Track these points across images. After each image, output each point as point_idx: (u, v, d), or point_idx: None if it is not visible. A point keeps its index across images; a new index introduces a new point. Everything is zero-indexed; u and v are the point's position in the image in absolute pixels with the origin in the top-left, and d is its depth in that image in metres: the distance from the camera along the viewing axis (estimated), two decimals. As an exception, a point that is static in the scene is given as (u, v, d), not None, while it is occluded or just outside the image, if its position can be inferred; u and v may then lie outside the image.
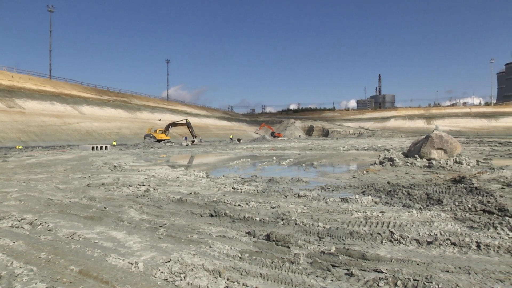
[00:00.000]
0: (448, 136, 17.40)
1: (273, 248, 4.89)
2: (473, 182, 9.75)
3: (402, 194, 8.43)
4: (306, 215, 6.72)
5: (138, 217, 6.78)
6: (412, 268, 4.11)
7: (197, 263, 4.34)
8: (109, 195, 9.09)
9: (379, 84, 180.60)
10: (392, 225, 5.86)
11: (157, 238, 5.46)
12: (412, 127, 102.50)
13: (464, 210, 6.84)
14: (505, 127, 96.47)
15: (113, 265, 4.36)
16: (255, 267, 4.26)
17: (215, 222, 6.35)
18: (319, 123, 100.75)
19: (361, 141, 51.05)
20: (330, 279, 3.87)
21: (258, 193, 9.20)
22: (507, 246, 4.74)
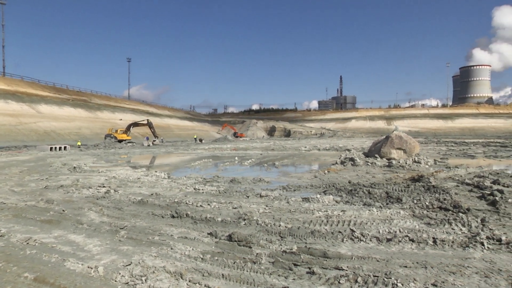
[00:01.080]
0: (407, 136, 18.07)
1: (235, 248, 4.91)
2: (430, 180, 10.18)
3: (362, 193, 8.68)
4: (268, 215, 6.78)
5: (98, 219, 6.63)
6: (372, 265, 4.26)
7: (159, 265, 4.30)
8: (68, 197, 8.82)
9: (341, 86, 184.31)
10: (352, 223, 6.03)
11: (118, 240, 5.36)
12: (372, 127, 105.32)
13: (422, 207, 7.14)
14: (460, 128, 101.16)
15: (71, 270, 4.24)
16: (217, 268, 4.27)
17: (177, 223, 6.31)
18: (281, 124, 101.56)
19: (322, 141, 51.95)
20: (292, 278, 3.94)
21: (220, 194, 9.21)
22: (460, 240, 5.01)
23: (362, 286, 3.69)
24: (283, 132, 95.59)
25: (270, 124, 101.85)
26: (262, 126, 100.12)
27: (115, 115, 72.87)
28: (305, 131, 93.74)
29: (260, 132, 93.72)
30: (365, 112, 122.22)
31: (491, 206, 7.28)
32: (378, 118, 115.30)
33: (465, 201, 7.81)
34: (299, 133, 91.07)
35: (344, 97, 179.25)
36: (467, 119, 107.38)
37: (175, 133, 75.72)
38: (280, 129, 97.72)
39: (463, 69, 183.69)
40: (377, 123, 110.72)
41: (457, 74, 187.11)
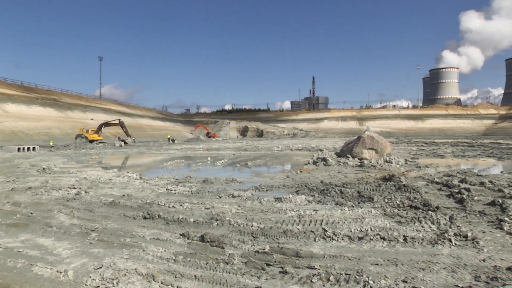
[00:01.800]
0: (379, 136, 18.44)
1: (207, 249, 4.90)
2: (401, 180, 10.44)
3: (334, 193, 8.81)
4: (241, 215, 6.81)
5: (68, 222, 6.48)
6: (344, 263, 4.33)
7: (130, 268, 4.24)
8: (37, 200, 8.57)
9: (313, 86, 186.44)
10: (325, 222, 6.12)
11: (89, 243, 5.26)
12: (345, 128, 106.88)
13: (393, 206, 7.32)
14: (430, 128, 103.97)
15: (39, 275, 4.12)
16: (189, 269, 4.25)
17: (149, 225, 6.25)
18: (254, 124, 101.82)
19: (295, 142, 52.38)
20: (264, 278, 3.96)
21: (192, 194, 9.18)
22: (429, 237, 5.18)
23: (334, 285, 3.74)
24: (256, 132, 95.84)
25: (242, 124, 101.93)
26: (234, 126, 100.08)
27: (86, 115, 71.28)
28: (277, 131, 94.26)
29: (232, 132, 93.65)
30: (338, 113, 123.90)
31: (458, 204, 7.55)
32: (350, 119, 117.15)
33: (435, 199, 8.06)
34: (271, 133, 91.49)
35: (317, 97, 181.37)
36: (436, 120, 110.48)
37: (147, 133, 74.77)
38: (253, 129, 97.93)
39: (433, 71, 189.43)
40: (349, 124, 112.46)
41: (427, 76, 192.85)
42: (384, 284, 3.70)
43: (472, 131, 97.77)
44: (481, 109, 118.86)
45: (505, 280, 3.71)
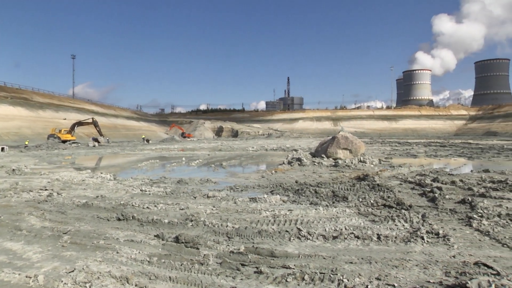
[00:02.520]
0: (353, 137, 18.73)
1: (182, 250, 4.88)
2: (375, 179, 10.64)
3: (309, 193, 8.90)
4: (215, 215, 6.81)
5: (39, 224, 6.31)
6: (318, 262, 4.39)
7: (104, 271, 4.18)
8: (6, 202, 8.30)
9: (288, 87, 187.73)
10: (299, 222, 6.18)
11: (61, 246, 5.14)
12: (319, 128, 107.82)
13: (367, 205, 7.45)
14: (403, 129, 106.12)
15: (5, 281, 3.99)
16: (164, 270, 4.23)
17: (123, 226, 6.18)
18: (229, 124, 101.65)
19: (270, 142, 52.58)
20: (239, 278, 3.97)
21: (167, 195, 9.12)
22: (402, 236, 5.31)
23: (309, 284, 3.79)
24: (231, 133, 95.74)
25: (217, 124, 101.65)
26: (209, 126, 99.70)
27: (58, 114, 69.47)
28: (252, 131, 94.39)
29: (207, 132, 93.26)
30: (312, 113, 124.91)
31: (431, 203, 7.77)
32: (325, 119, 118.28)
33: (408, 198, 8.25)
34: (246, 134, 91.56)
35: (292, 98, 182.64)
36: (410, 121, 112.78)
37: (121, 133, 73.64)
38: (228, 129, 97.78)
39: (406, 72, 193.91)
40: (323, 124, 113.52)
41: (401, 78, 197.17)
42: (358, 282, 3.77)
43: (444, 132, 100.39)
44: (452, 110, 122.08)
45: (472, 275, 3.85)
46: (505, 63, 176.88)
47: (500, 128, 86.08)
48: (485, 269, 4.04)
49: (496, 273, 3.89)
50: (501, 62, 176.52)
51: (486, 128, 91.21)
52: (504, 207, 7.02)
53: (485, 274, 3.88)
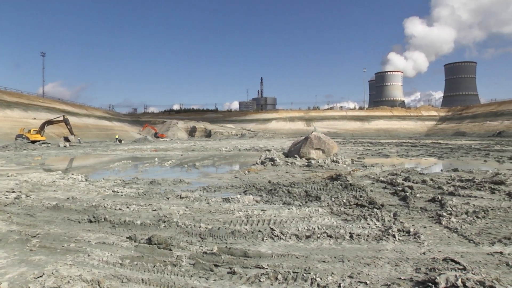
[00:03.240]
0: (326, 137, 18.95)
1: (154, 251, 4.84)
2: (348, 179, 10.80)
3: (282, 192, 8.96)
4: (188, 216, 6.78)
5: (5, 228, 6.10)
6: (292, 262, 4.43)
7: (74, 274, 4.09)
8: None
9: (261, 87, 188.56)
10: (272, 222, 6.22)
11: (29, 250, 4.98)
12: (292, 128, 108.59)
13: (340, 205, 7.56)
14: (375, 129, 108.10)
15: (-36, 290, 3.86)
16: (136, 272, 4.18)
17: (94, 228, 6.06)
18: (202, 124, 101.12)
19: (243, 142, 52.62)
20: (213, 279, 3.97)
21: (140, 196, 9.03)
22: (374, 234, 5.42)
23: (282, 283, 3.82)
24: (204, 133, 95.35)
25: (191, 124, 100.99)
26: (183, 126, 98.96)
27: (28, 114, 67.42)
28: (226, 131, 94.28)
29: (180, 132, 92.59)
30: (285, 114, 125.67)
31: (402, 201, 7.96)
32: (298, 119, 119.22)
33: (380, 197, 8.42)
34: (220, 134, 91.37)
35: (265, 98, 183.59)
36: (382, 121, 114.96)
37: (93, 133, 72.25)
38: (201, 129, 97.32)
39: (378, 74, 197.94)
40: (297, 124, 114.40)
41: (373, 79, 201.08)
42: (331, 280, 3.82)
43: (415, 132, 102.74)
44: (423, 111, 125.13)
45: (441, 270, 3.98)
46: (472, 66, 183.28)
47: (468, 128, 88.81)
48: (453, 265, 4.18)
49: (462, 267, 4.05)
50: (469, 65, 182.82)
51: (455, 128, 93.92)
52: (471, 205, 7.30)
53: (453, 269, 4.02)
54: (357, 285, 3.74)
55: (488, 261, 4.38)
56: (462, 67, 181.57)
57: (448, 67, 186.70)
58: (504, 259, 4.42)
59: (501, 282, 3.65)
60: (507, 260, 4.37)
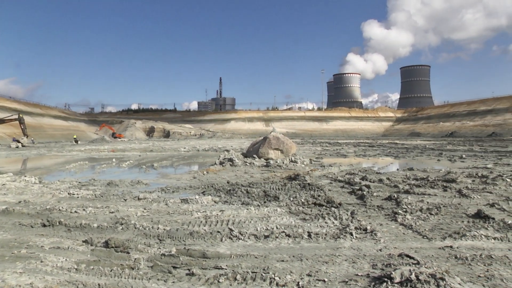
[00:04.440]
0: (284, 137, 19.17)
1: (112, 255, 4.73)
2: (306, 179, 10.99)
3: (241, 193, 9.01)
4: (146, 218, 6.72)
5: None
6: (250, 262, 4.47)
7: (24, 283, 3.90)
8: None
9: (220, 87, 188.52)
10: (231, 222, 6.25)
11: (-28, 260, 4.72)
12: (251, 129, 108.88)
13: (298, 204, 7.68)
14: (334, 129, 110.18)
15: None
16: (92, 277, 4.07)
17: (48, 233, 5.85)
18: (160, 124, 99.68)
19: (202, 142, 52.42)
20: (171, 281, 3.94)
21: (96, 198, 8.83)
22: (332, 232, 5.56)
23: (241, 283, 3.84)
24: (163, 133, 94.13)
25: (149, 124, 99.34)
26: (141, 126, 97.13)
27: None
28: (184, 132, 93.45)
29: (139, 132, 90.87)
30: (244, 114, 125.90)
31: (359, 200, 8.19)
32: (257, 120, 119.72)
33: (337, 196, 8.62)
34: (178, 134, 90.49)
35: (224, 98, 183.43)
36: (340, 122, 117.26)
37: (48, 133, 69.56)
38: (160, 129, 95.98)
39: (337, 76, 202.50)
40: (255, 125, 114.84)
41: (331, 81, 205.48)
42: (290, 279, 3.88)
43: (372, 132, 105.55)
44: (380, 112, 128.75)
45: (396, 265, 4.13)
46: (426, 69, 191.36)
47: (423, 129, 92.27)
48: (407, 260, 4.36)
49: (416, 262, 4.23)
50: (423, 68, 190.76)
51: (410, 129, 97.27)
52: (425, 202, 7.64)
53: (407, 264, 4.19)
54: (316, 283, 3.81)
55: (439, 255, 4.61)
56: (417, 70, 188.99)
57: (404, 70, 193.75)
58: (453, 253, 4.68)
59: (450, 273, 3.84)
60: (456, 253, 4.63)
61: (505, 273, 4.06)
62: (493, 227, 5.77)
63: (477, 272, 4.07)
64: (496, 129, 71.43)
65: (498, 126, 73.60)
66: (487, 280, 3.87)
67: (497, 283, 3.80)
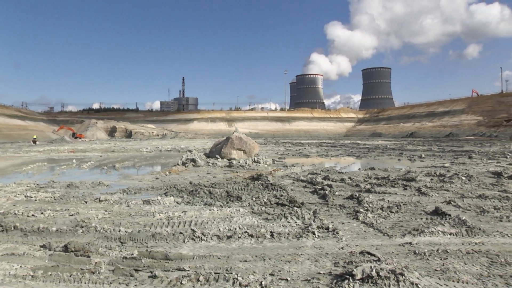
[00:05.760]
0: (247, 137, 19.26)
1: (71, 259, 4.60)
2: (268, 179, 11.07)
3: (203, 193, 8.98)
4: (108, 220, 6.59)
5: None
6: (213, 263, 4.46)
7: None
8: None
9: (183, 87, 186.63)
10: (194, 223, 6.22)
11: None
12: (214, 129, 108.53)
13: (261, 204, 7.73)
14: (296, 130, 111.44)
15: None
16: (50, 284, 3.95)
17: (2, 239, 5.61)
18: (122, 124, 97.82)
19: (164, 143, 51.80)
20: (133, 285, 3.89)
21: (56, 200, 8.56)
22: (295, 232, 5.63)
23: (204, 285, 3.84)
24: (125, 133, 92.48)
25: (111, 124, 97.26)
26: (102, 126, 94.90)
27: None
28: (147, 132, 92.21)
29: (100, 132, 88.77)
30: (207, 114, 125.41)
31: (322, 199, 8.34)
32: (220, 120, 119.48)
33: (300, 196, 8.73)
34: (140, 134, 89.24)
35: (186, 98, 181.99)
36: (302, 122, 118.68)
37: (3, 133, 66.67)
38: (121, 129, 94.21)
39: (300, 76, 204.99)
40: (218, 125, 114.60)
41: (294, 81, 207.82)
42: (253, 279, 3.90)
43: (334, 133, 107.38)
44: (342, 113, 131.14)
45: (358, 263, 4.25)
46: (387, 71, 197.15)
47: (384, 129, 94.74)
48: (368, 257, 4.50)
49: (377, 259, 4.36)
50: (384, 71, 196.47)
51: (372, 129, 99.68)
52: (386, 201, 7.89)
53: (368, 261, 4.31)
54: (278, 282, 3.85)
55: (399, 252, 4.79)
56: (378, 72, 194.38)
57: (366, 72, 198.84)
58: (412, 249, 4.87)
59: (409, 269, 4.01)
60: (415, 249, 4.83)
61: (458, 266, 4.29)
62: (449, 223, 6.06)
63: (434, 266, 4.26)
64: (453, 130, 74.42)
65: (454, 127, 76.70)
66: (442, 273, 4.06)
67: (451, 275, 4.00)
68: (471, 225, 5.86)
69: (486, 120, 73.77)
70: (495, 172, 12.57)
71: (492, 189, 9.48)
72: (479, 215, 6.76)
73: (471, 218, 6.47)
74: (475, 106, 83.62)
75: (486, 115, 75.94)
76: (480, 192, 8.90)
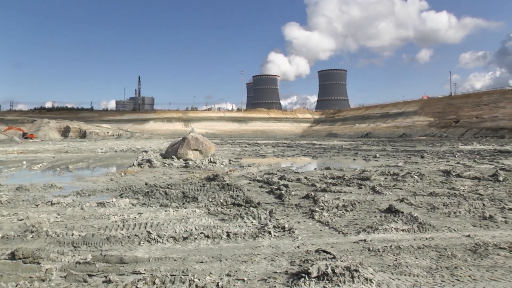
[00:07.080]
0: (203, 138, 19.22)
1: (19, 267, 4.38)
2: (225, 179, 11.07)
3: (159, 194, 8.85)
4: (60, 224, 6.36)
5: None
6: (169, 265, 4.41)
7: None
8: None
9: (139, 86, 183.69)
10: (149, 225, 6.12)
11: None
12: (170, 129, 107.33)
13: (217, 205, 7.72)
14: (253, 130, 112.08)
15: None
16: (-7, 296, 3.77)
17: None
18: (76, 124, 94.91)
19: (120, 143, 50.62)
20: (87, 290, 3.79)
21: (2, 204, 8.13)
22: (251, 232, 5.66)
23: (160, 287, 3.79)
24: (79, 133, 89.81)
25: (64, 124, 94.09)
26: (55, 126, 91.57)
27: None
28: (102, 132, 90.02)
29: (53, 132, 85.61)
30: (163, 114, 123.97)
31: (278, 199, 8.42)
32: (176, 120, 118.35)
33: (256, 196, 8.77)
34: (95, 134, 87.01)
35: (143, 98, 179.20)
36: (259, 122, 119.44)
37: None
38: (75, 129, 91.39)
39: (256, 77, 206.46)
40: (175, 125, 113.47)
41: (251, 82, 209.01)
42: (209, 280, 3.89)
43: (291, 133, 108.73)
44: (299, 113, 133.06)
45: (314, 261, 4.31)
46: (343, 73, 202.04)
47: (339, 130, 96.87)
48: (324, 255, 4.58)
49: (332, 257, 4.46)
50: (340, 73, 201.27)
51: (328, 130, 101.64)
52: (341, 200, 8.06)
53: (324, 259, 4.39)
54: (235, 282, 3.86)
55: (354, 249, 4.92)
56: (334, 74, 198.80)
57: (322, 73, 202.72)
58: (367, 246, 5.03)
59: (363, 265, 4.12)
60: (369, 246, 4.98)
61: (410, 260, 4.48)
62: (402, 220, 6.29)
63: (387, 262, 4.42)
64: (406, 130, 77.20)
65: (407, 128, 79.55)
66: (395, 268, 4.22)
67: (403, 270, 4.17)
68: (422, 221, 6.11)
69: (437, 121, 77.01)
70: (444, 170, 13.19)
71: (442, 187, 9.93)
72: (429, 212, 7.07)
73: (422, 214, 6.75)
74: (426, 107, 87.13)
75: (437, 116, 79.29)
76: (431, 190, 9.29)
